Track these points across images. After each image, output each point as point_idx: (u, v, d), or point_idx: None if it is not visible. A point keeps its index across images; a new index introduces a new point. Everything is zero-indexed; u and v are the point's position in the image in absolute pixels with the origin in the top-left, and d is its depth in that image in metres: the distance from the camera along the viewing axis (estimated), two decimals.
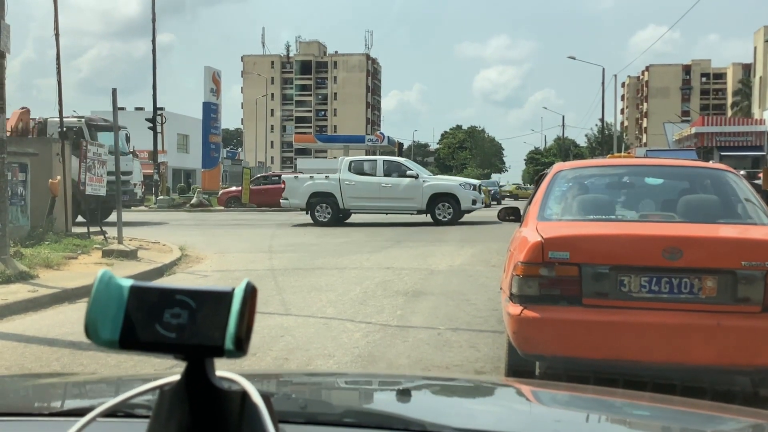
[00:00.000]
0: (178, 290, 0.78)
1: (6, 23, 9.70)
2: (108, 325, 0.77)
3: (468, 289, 8.81)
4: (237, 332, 0.75)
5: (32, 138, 16.16)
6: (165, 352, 0.77)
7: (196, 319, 0.77)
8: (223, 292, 0.78)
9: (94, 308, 0.77)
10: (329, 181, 20.93)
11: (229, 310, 0.76)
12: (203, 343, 0.76)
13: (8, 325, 7.07)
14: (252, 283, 0.79)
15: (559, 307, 3.97)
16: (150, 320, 0.77)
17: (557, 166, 5.41)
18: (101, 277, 0.79)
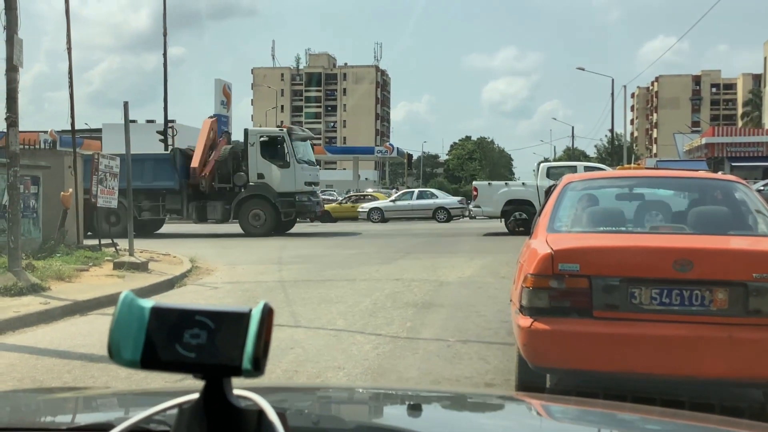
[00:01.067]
0: (197, 311, 0.80)
1: (19, 37, 9.81)
2: (130, 345, 0.79)
3: (478, 301, 8.79)
4: (255, 352, 0.77)
5: (44, 150, 16.27)
6: (185, 372, 0.79)
7: (214, 339, 0.79)
8: (241, 312, 0.80)
9: (117, 329, 0.79)
10: (526, 188, 20.78)
11: (246, 330, 0.78)
12: (221, 362, 0.78)
13: (20, 337, 7.12)
14: (269, 304, 0.80)
15: (570, 320, 3.96)
16: (170, 340, 0.79)
17: (567, 178, 5.40)
18: (124, 298, 0.81)
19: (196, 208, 22.56)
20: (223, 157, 22.64)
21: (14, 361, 6.11)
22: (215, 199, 22.49)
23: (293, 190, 22.16)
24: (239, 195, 22.29)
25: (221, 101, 40.81)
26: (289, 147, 22.17)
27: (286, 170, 22.14)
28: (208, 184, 22.33)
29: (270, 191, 21.98)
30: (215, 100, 40.73)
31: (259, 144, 22.31)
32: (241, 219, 22.24)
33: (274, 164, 22.15)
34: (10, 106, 9.78)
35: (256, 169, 22.25)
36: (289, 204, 22.10)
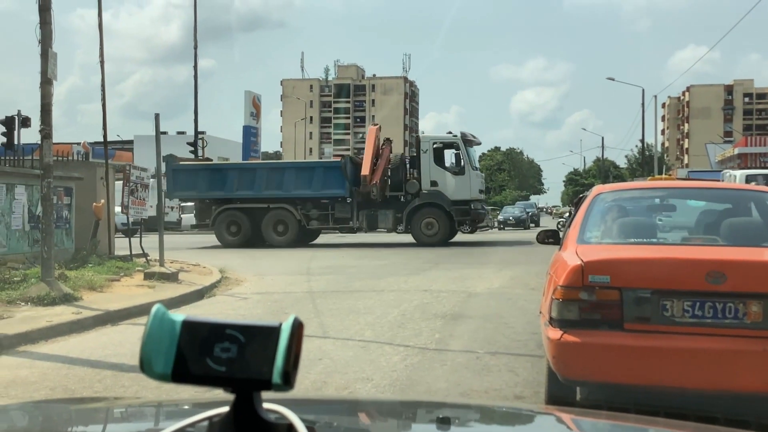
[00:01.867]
0: (228, 325, 0.81)
1: (53, 51, 10.01)
2: (161, 358, 0.80)
3: (507, 313, 8.73)
4: (285, 366, 0.77)
5: (77, 162, 16.55)
6: (215, 385, 0.80)
7: (245, 353, 0.79)
8: (271, 327, 0.80)
9: (149, 343, 0.80)
10: None
11: (276, 344, 0.78)
12: (252, 376, 0.78)
13: (53, 346, 7.22)
14: (298, 319, 0.80)
15: (600, 332, 3.91)
16: (201, 354, 0.79)
17: (597, 189, 5.35)
18: (155, 312, 0.81)
19: (366, 216, 22.20)
20: (395, 164, 22.45)
21: (47, 370, 6.19)
22: (385, 207, 22.13)
23: (468, 197, 21.81)
24: (411, 203, 21.87)
25: (251, 113, 41.20)
26: (464, 153, 21.84)
27: (461, 177, 21.71)
28: (380, 193, 21.85)
29: (444, 199, 21.60)
30: (245, 112, 41.14)
31: (433, 151, 21.93)
32: (413, 228, 21.94)
33: (448, 171, 21.82)
34: (44, 118, 9.98)
35: (429, 176, 21.81)
36: (464, 212, 21.74)
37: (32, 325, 7.65)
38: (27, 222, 12.66)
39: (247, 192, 22.20)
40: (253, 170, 23.16)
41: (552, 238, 6.07)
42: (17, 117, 16.94)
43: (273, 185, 22.04)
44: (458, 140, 22.00)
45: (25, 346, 7.11)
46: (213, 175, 22.96)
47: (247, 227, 22.28)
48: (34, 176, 11.85)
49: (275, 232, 22.17)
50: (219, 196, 22.62)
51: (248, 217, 22.25)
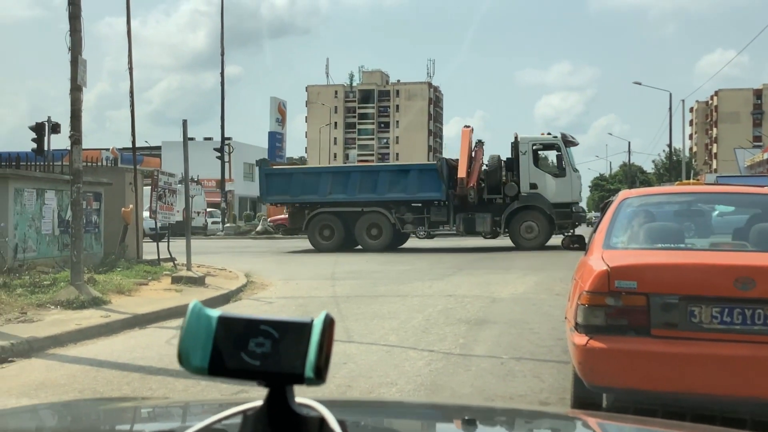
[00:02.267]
0: (262, 321, 0.83)
1: (83, 58, 10.17)
2: (198, 353, 0.82)
3: (531, 318, 8.68)
4: (317, 361, 0.80)
5: (106, 167, 16.79)
6: (250, 379, 0.82)
7: (278, 348, 0.81)
8: (304, 323, 0.82)
9: (186, 337, 0.82)
10: None
11: (309, 339, 0.80)
12: (285, 371, 0.81)
13: (82, 349, 7.32)
14: (330, 315, 0.83)
15: (627, 338, 3.88)
16: (236, 349, 0.82)
17: (623, 194, 5.32)
18: (192, 308, 0.84)
19: (463, 220, 21.64)
20: (492, 166, 21.88)
21: (76, 372, 6.28)
22: (483, 210, 21.62)
23: (569, 200, 21.33)
24: (510, 206, 21.33)
25: (276, 118, 41.50)
26: (565, 155, 21.33)
27: (562, 179, 21.14)
28: (477, 195, 21.48)
29: (544, 202, 21.08)
30: (270, 118, 41.46)
31: (532, 152, 21.46)
32: (512, 231, 21.46)
33: (548, 173, 21.36)
34: (74, 124, 10.14)
35: (528, 178, 21.25)
36: (565, 215, 21.16)
37: (62, 328, 7.77)
38: (57, 227, 12.87)
39: (340, 195, 21.94)
40: (346, 173, 23.04)
41: (577, 244, 6.03)
42: (47, 123, 17.24)
43: (367, 188, 21.70)
44: (559, 141, 21.46)
45: (54, 348, 7.22)
46: (306, 179, 22.72)
47: (340, 231, 22.11)
48: (64, 181, 12.05)
49: (369, 236, 21.89)
50: (312, 199, 22.36)
51: (341, 221, 22.06)
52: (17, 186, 11.98)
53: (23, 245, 11.96)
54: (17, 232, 11.88)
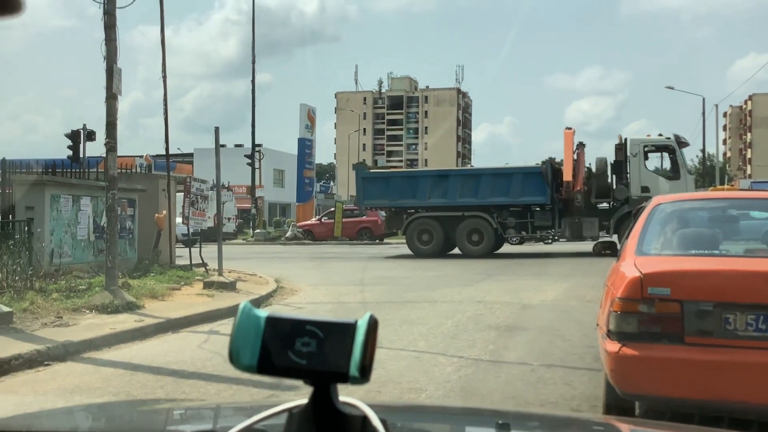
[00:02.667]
0: (308, 321, 0.86)
1: (118, 67, 10.35)
2: (248, 351, 0.85)
3: (562, 325, 8.62)
4: (362, 360, 0.82)
5: (140, 174, 17.05)
6: (296, 377, 0.85)
7: (323, 347, 0.84)
8: (348, 323, 0.85)
9: (237, 336, 0.86)
10: None
11: (353, 339, 0.83)
12: (330, 369, 0.84)
13: (116, 353, 7.44)
14: (374, 316, 0.85)
15: (660, 345, 3.85)
16: (283, 348, 0.85)
17: (656, 200, 5.27)
18: (243, 308, 0.87)
19: (569, 225, 20.95)
20: (600, 169, 21.21)
21: (110, 375, 6.39)
22: (590, 215, 20.85)
23: None
24: (620, 210, 20.24)
25: (306, 125, 41.73)
26: (679, 156, 20.57)
27: (677, 182, 19.98)
28: (584, 199, 20.70)
29: None
30: (300, 124, 41.68)
31: (643, 154, 20.65)
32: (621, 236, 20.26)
33: (661, 176, 20.53)
34: (109, 132, 10.32)
35: (640, 181, 20.25)
36: None
37: (96, 332, 7.90)
38: (92, 232, 13.09)
39: (440, 200, 21.47)
40: (446, 177, 22.35)
41: (609, 250, 5.99)
42: (82, 131, 17.58)
43: (468, 192, 21.23)
44: (672, 142, 20.65)
45: (89, 352, 7.34)
46: (404, 183, 22.32)
47: (439, 236, 21.74)
48: (99, 188, 12.27)
49: (470, 241, 21.48)
50: (411, 204, 22.10)
51: (441, 226, 21.71)
52: (53, 192, 12.22)
53: (59, 250, 12.18)
54: (53, 238, 12.10)
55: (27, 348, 6.91)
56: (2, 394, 5.78)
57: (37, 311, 8.86)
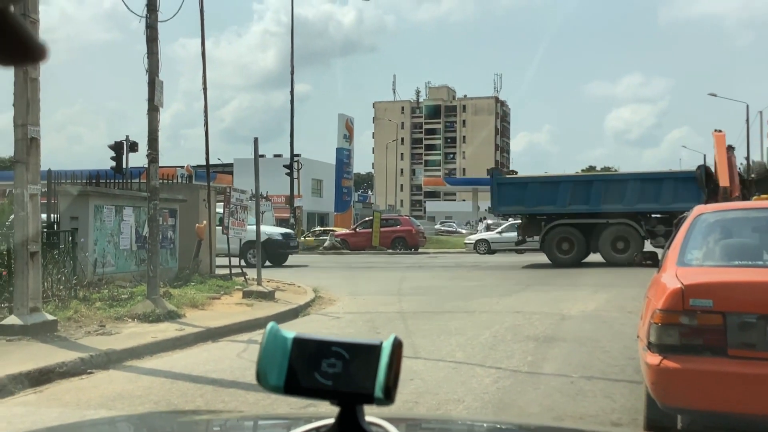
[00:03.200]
0: (333, 342, 0.87)
1: (159, 80, 10.55)
2: (275, 372, 0.87)
3: (602, 336, 8.50)
4: (386, 382, 0.83)
5: (181, 184, 17.32)
6: (322, 398, 0.86)
7: (349, 368, 0.85)
8: (373, 345, 0.86)
9: (264, 357, 0.87)
10: None
11: (378, 361, 0.84)
12: (355, 390, 0.85)
13: (157, 361, 7.55)
14: (398, 338, 0.86)
15: (702, 358, 3.77)
16: (310, 369, 0.86)
17: (698, 209, 5.18)
18: (270, 329, 0.89)
19: None
20: (761, 174, 19.70)
21: (151, 384, 6.48)
22: None
23: None
24: None
25: (344, 135, 41.98)
26: None
27: None
28: None
29: None
30: (338, 134, 41.97)
31: None
32: None
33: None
34: (151, 143, 10.51)
35: None
36: None
37: (138, 341, 8.03)
38: (134, 242, 13.33)
39: (582, 206, 20.82)
40: (589, 182, 21.71)
41: (650, 260, 5.90)
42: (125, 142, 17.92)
43: (612, 198, 20.46)
44: None
45: (131, 360, 7.46)
46: (543, 189, 21.58)
47: (581, 244, 21.14)
48: (141, 198, 12.49)
49: (614, 249, 20.73)
50: (549, 210, 21.41)
51: (582, 234, 21.13)
52: (97, 203, 12.48)
53: (102, 260, 12.42)
54: (97, 248, 12.35)
55: (71, 356, 7.05)
56: (47, 402, 5.90)
57: (81, 320, 9.05)
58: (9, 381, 6.11)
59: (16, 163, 8.24)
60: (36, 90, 8.27)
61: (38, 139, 8.30)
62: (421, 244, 33.69)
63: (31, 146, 8.20)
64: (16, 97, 8.16)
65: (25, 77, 8.10)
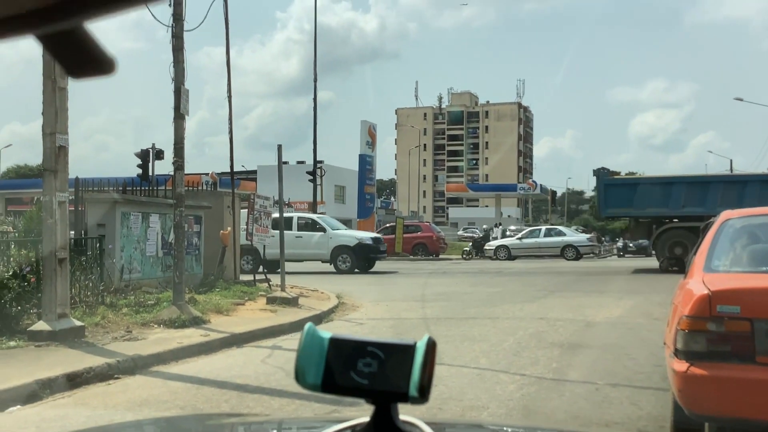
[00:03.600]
0: (369, 342, 0.90)
1: (186, 88, 10.67)
2: (312, 371, 0.89)
3: (628, 343, 8.43)
4: (421, 381, 0.85)
5: (205, 191, 17.48)
6: (358, 396, 0.88)
7: (384, 368, 0.87)
8: (408, 345, 0.88)
9: (302, 356, 0.90)
10: None
11: (413, 361, 0.86)
12: (390, 389, 0.87)
13: (183, 367, 7.61)
14: (432, 338, 0.88)
15: (730, 365, 3.74)
16: (346, 368, 0.89)
17: (725, 215, 5.13)
18: (307, 329, 0.91)
19: None
20: None
21: (177, 389, 6.54)
22: None
23: None
24: None
25: (366, 141, 42.07)
26: None
27: None
28: None
29: None
30: (361, 141, 42.06)
31: None
32: None
33: None
34: (177, 151, 10.63)
35: None
36: None
37: (164, 347, 8.11)
38: (160, 248, 13.46)
39: (697, 208, 19.66)
40: (705, 184, 20.82)
41: (676, 266, 5.85)
42: (151, 150, 18.13)
43: (731, 201, 19.22)
44: None
45: (157, 366, 7.54)
46: (654, 190, 20.91)
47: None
48: (167, 205, 12.63)
49: None
50: (661, 213, 20.69)
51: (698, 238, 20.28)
52: (124, 210, 12.63)
53: (129, 266, 12.56)
54: (123, 254, 12.50)
55: (98, 361, 7.14)
56: (75, 407, 5.98)
57: (108, 325, 9.16)
58: (38, 386, 6.20)
59: (45, 170, 8.37)
60: (64, 99, 8.40)
61: (66, 147, 8.43)
62: (441, 250, 33.74)
63: (60, 154, 8.33)
64: (45, 105, 8.30)
65: (54, 86, 8.24)
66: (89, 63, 0.56)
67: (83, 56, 0.55)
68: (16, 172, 73.47)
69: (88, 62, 0.56)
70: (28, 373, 6.43)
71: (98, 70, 0.57)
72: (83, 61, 0.56)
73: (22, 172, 71.69)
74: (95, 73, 0.57)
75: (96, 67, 0.57)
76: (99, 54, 0.56)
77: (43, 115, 8.32)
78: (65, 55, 0.55)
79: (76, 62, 0.56)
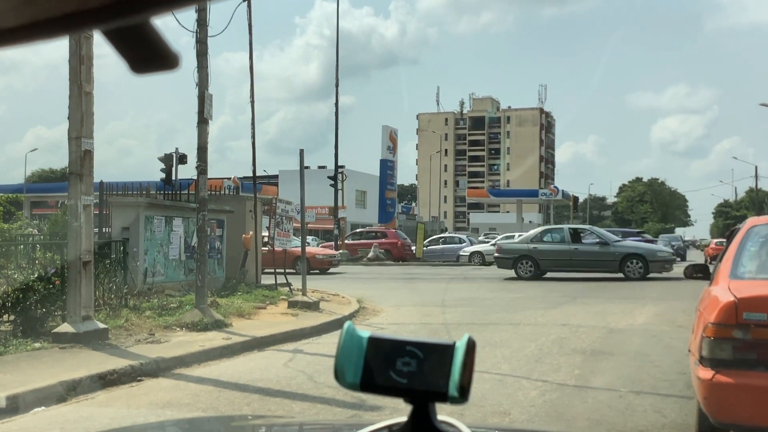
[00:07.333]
0: (408, 341, 0.90)
1: (209, 93, 10.76)
2: (351, 370, 0.90)
3: (651, 350, 8.35)
4: (461, 380, 0.85)
5: (228, 196, 17.58)
6: (396, 395, 0.88)
7: (423, 367, 0.87)
8: (447, 344, 0.89)
9: (342, 355, 0.90)
10: None
11: (452, 360, 0.86)
12: (429, 389, 0.87)
13: (205, 370, 7.66)
14: (472, 338, 0.88)
15: (756, 373, 3.69)
16: (385, 367, 0.89)
17: (751, 221, 5.07)
18: (347, 328, 0.92)
19: None
20: None
21: (199, 392, 6.58)
22: None
23: None
24: None
25: (388, 146, 42.11)
26: None
27: None
28: None
29: None
30: (382, 146, 42.11)
31: None
32: None
33: None
34: (200, 155, 10.71)
35: None
36: None
37: (187, 350, 8.16)
38: (183, 252, 13.57)
39: None
40: None
41: (701, 273, 5.79)
42: (175, 154, 18.25)
43: None
44: None
45: (180, 368, 7.59)
46: None
47: None
48: (190, 209, 12.72)
49: None
50: None
51: None
52: (147, 214, 12.75)
53: (152, 270, 12.67)
54: (147, 257, 12.61)
55: (122, 363, 7.21)
56: (98, 408, 6.04)
57: (131, 328, 9.24)
58: (62, 387, 6.27)
59: (70, 174, 8.48)
60: (90, 104, 8.51)
61: (91, 151, 8.53)
62: (407, 256, 33.92)
63: (85, 158, 8.43)
64: (71, 110, 8.41)
65: (80, 91, 8.35)
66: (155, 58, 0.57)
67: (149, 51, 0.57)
68: (40, 176, 74.49)
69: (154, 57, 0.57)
70: (52, 375, 6.51)
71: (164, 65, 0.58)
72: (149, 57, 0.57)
73: (46, 176, 72.67)
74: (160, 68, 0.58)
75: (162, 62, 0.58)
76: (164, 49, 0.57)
77: (69, 119, 8.43)
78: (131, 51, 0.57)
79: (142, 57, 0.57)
